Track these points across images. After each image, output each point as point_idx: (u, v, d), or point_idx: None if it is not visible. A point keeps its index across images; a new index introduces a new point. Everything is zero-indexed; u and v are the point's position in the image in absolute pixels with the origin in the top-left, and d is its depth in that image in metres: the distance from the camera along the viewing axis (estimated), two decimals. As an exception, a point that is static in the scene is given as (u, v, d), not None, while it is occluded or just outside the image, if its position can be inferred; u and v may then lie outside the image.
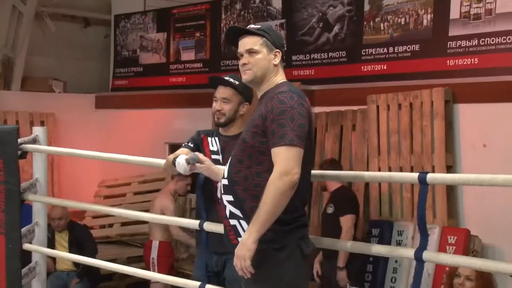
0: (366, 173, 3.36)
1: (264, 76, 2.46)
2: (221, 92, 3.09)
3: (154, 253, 4.81)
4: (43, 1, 7.35)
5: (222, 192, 2.47)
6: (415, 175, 2.37)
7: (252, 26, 2.52)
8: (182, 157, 2.78)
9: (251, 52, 2.45)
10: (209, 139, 3.13)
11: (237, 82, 3.06)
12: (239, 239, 2.37)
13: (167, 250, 4.90)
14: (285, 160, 2.26)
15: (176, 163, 2.78)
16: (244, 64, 2.46)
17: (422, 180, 2.32)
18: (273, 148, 2.30)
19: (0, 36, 7.17)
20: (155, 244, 4.83)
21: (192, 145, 3.07)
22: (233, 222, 2.42)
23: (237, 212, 2.41)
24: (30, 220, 3.71)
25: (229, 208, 2.43)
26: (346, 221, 4.32)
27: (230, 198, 2.43)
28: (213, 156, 3.07)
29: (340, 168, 4.67)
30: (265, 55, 2.45)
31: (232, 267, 2.79)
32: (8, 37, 7.21)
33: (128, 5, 7.68)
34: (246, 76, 2.47)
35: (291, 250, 2.35)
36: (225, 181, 2.47)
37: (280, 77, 2.49)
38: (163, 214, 4.63)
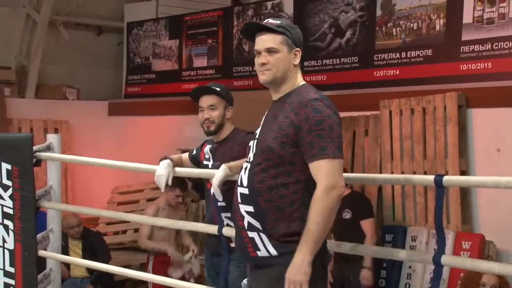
0: (381, 176, 3.35)
1: (284, 77, 2.31)
2: (206, 100, 3.11)
3: (149, 267, 4.77)
4: (56, 9, 7.42)
5: (240, 201, 2.31)
6: (430, 177, 2.35)
7: (271, 21, 2.33)
8: (164, 171, 2.93)
9: (270, 51, 2.28)
10: (207, 145, 3.22)
11: (218, 88, 3.11)
12: (258, 252, 2.25)
13: (162, 264, 4.79)
14: (330, 173, 2.14)
15: (158, 170, 2.96)
16: (263, 64, 2.29)
17: (438, 183, 2.30)
18: (313, 162, 2.16)
19: (14, 45, 7.26)
20: (151, 258, 4.78)
21: (194, 153, 3.26)
22: (251, 234, 2.27)
23: (256, 224, 2.26)
24: (44, 227, 3.75)
25: (248, 219, 2.28)
26: (369, 225, 4.34)
27: (250, 208, 2.27)
28: (205, 162, 3.19)
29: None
30: (285, 55, 2.29)
31: (234, 271, 2.78)
32: (22, 45, 7.29)
33: (140, 13, 7.73)
34: (264, 77, 2.31)
35: (315, 263, 2.20)
36: (245, 190, 2.30)
37: (299, 79, 2.35)
38: None
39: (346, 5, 5.69)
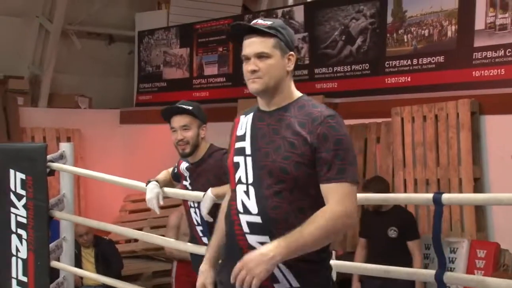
0: (377, 195, 3.27)
1: (277, 85, 2.04)
2: (178, 120, 2.99)
3: (172, 273, 4.75)
4: (69, 19, 7.49)
5: (248, 231, 2.01)
6: (429, 196, 2.29)
7: (260, 21, 2.06)
8: (152, 194, 2.92)
9: (261, 56, 2.03)
10: (183, 162, 3.13)
11: (190, 107, 2.99)
12: (277, 285, 1.99)
13: (185, 270, 4.76)
14: (348, 199, 1.94)
15: (147, 195, 2.94)
16: (254, 71, 2.04)
17: (437, 201, 2.23)
18: (330, 184, 1.95)
19: (27, 54, 7.33)
20: (174, 264, 4.76)
21: (175, 171, 3.18)
22: (276, 269, 1.97)
23: None
24: (58, 235, 3.76)
25: None
26: (417, 246, 4.19)
27: (265, 239, 1.97)
28: (184, 182, 3.12)
29: (387, 185, 4.44)
30: (278, 60, 2.03)
31: None
32: (35, 55, 7.36)
33: (151, 21, 7.78)
34: (256, 85, 2.04)
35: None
36: (255, 219, 2.00)
37: (294, 88, 2.10)
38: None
39: (357, 12, 5.69)
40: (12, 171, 3.61)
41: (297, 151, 1.98)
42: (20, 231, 3.59)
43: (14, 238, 3.60)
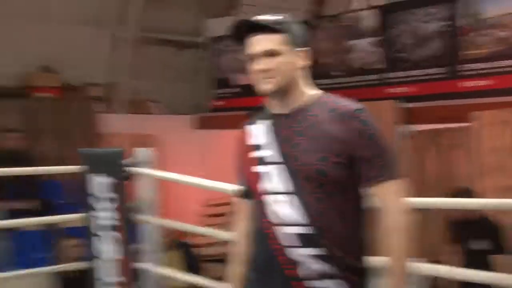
0: (466, 200, 3.17)
1: (290, 85, 1.86)
2: None
3: None
4: (141, 27, 7.71)
5: (289, 244, 1.82)
6: None
7: (266, 17, 1.87)
8: None
9: (271, 54, 1.83)
10: None
11: None
12: None
13: None
14: (402, 196, 1.85)
15: None
16: (264, 70, 1.84)
17: None
18: (378, 184, 1.82)
19: (102, 62, 7.59)
20: None
21: None
22: (321, 284, 1.81)
23: (331, 269, 1.81)
24: (140, 238, 3.89)
25: (315, 266, 1.80)
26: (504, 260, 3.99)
27: (317, 251, 1.80)
28: None
29: (475, 196, 4.24)
30: (289, 57, 1.84)
31: None
32: (110, 62, 7.62)
33: (221, 27, 7.89)
34: (268, 86, 1.84)
35: None
36: (302, 230, 1.81)
37: (310, 86, 1.92)
38: None
39: (429, 15, 5.58)
40: (93, 176, 3.77)
41: (333, 151, 1.81)
42: (102, 233, 3.74)
43: (97, 240, 3.75)
